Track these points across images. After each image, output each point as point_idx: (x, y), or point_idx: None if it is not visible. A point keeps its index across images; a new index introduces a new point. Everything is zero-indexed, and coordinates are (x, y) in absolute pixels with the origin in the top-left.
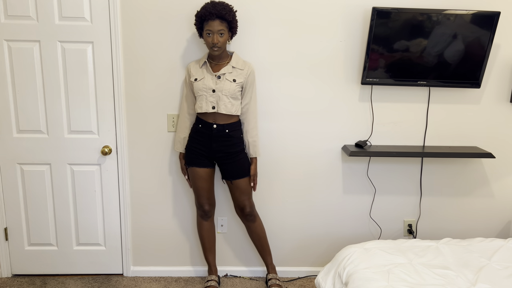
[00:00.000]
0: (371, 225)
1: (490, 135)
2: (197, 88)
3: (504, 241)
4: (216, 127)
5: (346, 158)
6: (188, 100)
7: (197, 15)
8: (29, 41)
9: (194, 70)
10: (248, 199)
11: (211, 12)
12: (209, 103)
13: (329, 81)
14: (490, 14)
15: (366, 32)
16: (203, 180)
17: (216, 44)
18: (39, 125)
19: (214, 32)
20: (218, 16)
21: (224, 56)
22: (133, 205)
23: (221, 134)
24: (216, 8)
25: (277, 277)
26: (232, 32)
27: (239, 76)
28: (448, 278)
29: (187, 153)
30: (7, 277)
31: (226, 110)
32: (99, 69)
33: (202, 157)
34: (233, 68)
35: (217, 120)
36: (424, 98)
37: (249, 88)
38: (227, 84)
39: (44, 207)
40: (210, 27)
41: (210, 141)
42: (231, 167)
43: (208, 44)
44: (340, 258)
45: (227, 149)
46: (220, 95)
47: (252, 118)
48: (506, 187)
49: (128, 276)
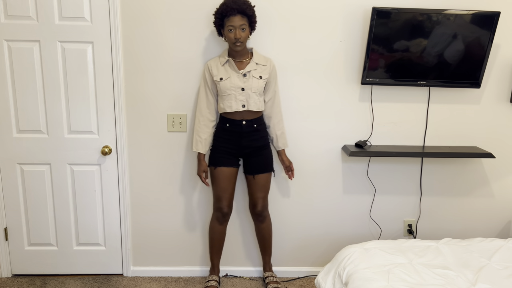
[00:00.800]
0: (371, 225)
1: (490, 135)
2: (224, 87)
3: (504, 241)
4: (245, 124)
5: (346, 158)
6: (208, 99)
7: (217, 12)
8: (29, 41)
9: (216, 69)
10: (263, 198)
11: (232, 7)
12: (238, 102)
13: (329, 81)
14: (490, 14)
15: (366, 32)
16: (228, 180)
17: (239, 39)
18: (39, 125)
19: (236, 27)
20: (239, 11)
21: (245, 53)
22: (133, 205)
23: (250, 130)
24: (237, 3)
25: (273, 275)
26: (251, 27)
27: (263, 72)
28: (448, 278)
29: (213, 153)
30: (7, 277)
31: (256, 107)
32: (99, 69)
33: (230, 155)
34: (257, 64)
35: (244, 116)
36: (424, 98)
37: (272, 83)
38: (254, 81)
39: (44, 207)
40: (232, 22)
41: (240, 138)
42: (258, 160)
43: (231, 40)
44: (340, 258)
45: (255, 143)
46: (249, 93)
47: (278, 111)
48: (506, 187)
49: (128, 276)
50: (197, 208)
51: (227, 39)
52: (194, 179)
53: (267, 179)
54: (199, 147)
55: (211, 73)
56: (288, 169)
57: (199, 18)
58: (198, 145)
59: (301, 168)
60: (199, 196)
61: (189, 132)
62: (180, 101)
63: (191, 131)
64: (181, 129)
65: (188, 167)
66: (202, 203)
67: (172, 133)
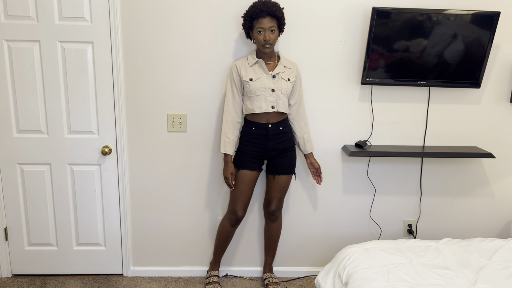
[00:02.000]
0: (371, 225)
1: (490, 135)
2: (254, 88)
3: (504, 241)
4: (271, 126)
5: (346, 158)
6: (235, 100)
7: (246, 14)
8: (29, 41)
9: (245, 70)
10: (279, 199)
11: (262, 9)
12: (268, 103)
13: (329, 81)
14: (490, 14)
15: (366, 32)
16: (249, 184)
17: (268, 41)
18: (39, 125)
19: (265, 29)
20: (268, 13)
21: (273, 55)
22: (133, 205)
23: (276, 132)
24: (267, 6)
25: (273, 276)
26: (280, 29)
27: (291, 75)
28: (448, 278)
29: (239, 156)
30: (7, 277)
31: (284, 108)
32: (99, 69)
33: (255, 159)
34: (285, 67)
35: (270, 119)
36: (424, 98)
37: (298, 86)
38: (284, 83)
39: (44, 207)
40: (262, 24)
41: (266, 141)
42: (281, 161)
43: (260, 42)
44: (340, 258)
45: (281, 146)
46: (279, 94)
47: (304, 114)
48: (506, 187)
49: (128, 276)
50: (197, 208)
51: (256, 41)
52: (194, 179)
53: (287, 180)
54: (227, 148)
55: (239, 73)
56: (317, 173)
57: (199, 18)
58: (227, 146)
59: (301, 168)
60: (199, 196)
61: (189, 132)
62: (180, 101)
63: (191, 131)
64: (181, 129)
65: (188, 167)
66: (202, 203)
67: (172, 133)
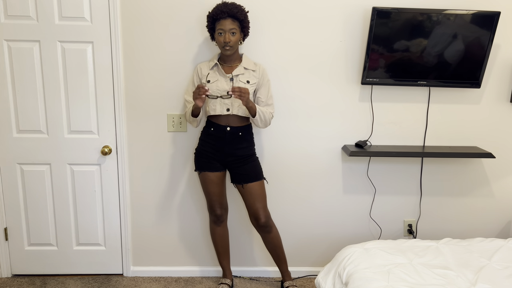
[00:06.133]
0: (371, 225)
1: (490, 135)
2: (210, 90)
3: (504, 241)
4: (229, 130)
5: (346, 158)
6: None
7: (209, 16)
8: (29, 41)
9: (205, 72)
10: (263, 208)
11: (222, 10)
12: (223, 105)
13: (329, 81)
14: (490, 14)
15: (366, 32)
16: (215, 184)
17: (228, 43)
18: (39, 125)
19: (226, 30)
20: (229, 14)
21: (236, 58)
22: (133, 205)
23: (235, 137)
24: (228, 7)
25: (294, 283)
26: (244, 32)
27: (252, 77)
28: (448, 278)
29: (198, 158)
30: (7, 277)
31: (241, 112)
32: (99, 69)
33: (214, 160)
34: (245, 69)
35: (230, 123)
36: (424, 98)
37: (264, 89)
38: (241, 86)
39: (44, 207)
40: (222, 26)
41: (223, 145)
42: (243, 170)
43: (220, 43)
44: (340, 258)
45: (239, 152)
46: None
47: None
48: (506, 187)
49: (128, 276)
50: (197, 208)
51: (217, 43)
52: (194, 179)
53: (260, 187)
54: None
55: (199, 75)
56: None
57: (199, 18)
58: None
59: (301, 168)
60: (199, 196)
61: (189, 132)
62: (180, 101)
63: (191, 131)
64: (181, 129)
65: (188, 167)
66: (202, 203)
67: (172, 133)
